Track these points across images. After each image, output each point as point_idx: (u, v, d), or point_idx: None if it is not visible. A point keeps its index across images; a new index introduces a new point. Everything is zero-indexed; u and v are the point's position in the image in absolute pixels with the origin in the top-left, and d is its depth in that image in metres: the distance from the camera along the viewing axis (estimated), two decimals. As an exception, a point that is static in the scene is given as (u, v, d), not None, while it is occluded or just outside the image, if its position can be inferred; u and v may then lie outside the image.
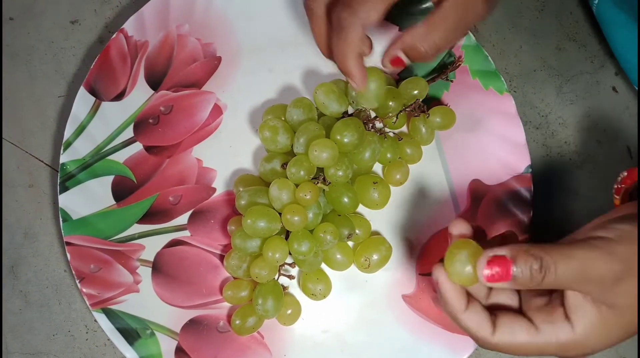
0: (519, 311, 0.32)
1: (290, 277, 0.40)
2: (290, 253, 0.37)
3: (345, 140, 0.37)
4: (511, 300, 0.33)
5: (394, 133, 0.41)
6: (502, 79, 0.42)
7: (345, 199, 0.38)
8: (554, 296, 0.32)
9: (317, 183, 0.38)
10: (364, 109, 0.39)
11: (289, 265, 0.39)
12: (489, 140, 0.42)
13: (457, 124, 0.42)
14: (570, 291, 0.30)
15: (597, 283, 0.29)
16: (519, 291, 0.33)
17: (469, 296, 0.31)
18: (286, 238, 0.38)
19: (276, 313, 0.38)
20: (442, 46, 0.34)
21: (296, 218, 0.36)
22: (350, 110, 0.40)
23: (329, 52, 0.37)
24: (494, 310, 0.32)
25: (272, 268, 0.37)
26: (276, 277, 0.39)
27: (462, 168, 0.42)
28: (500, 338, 0.31)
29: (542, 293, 0.32)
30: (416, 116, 0.40)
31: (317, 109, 0.40)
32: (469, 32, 0.43)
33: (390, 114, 0.38)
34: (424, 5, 0.43)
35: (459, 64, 0.42)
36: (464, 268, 0.30)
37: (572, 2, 0.46)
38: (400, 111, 0.40)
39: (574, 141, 0.44)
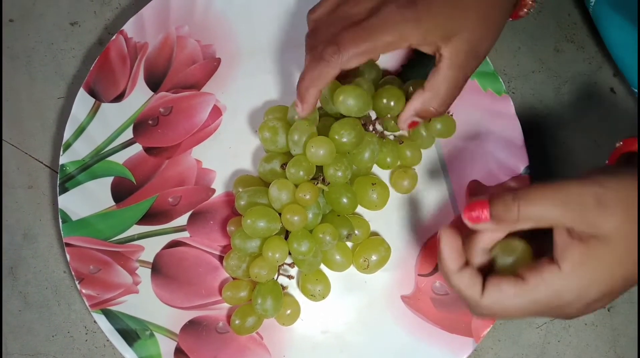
0: None
1: (290, 277, 0.40)
2: (289, 253, 0.38)
3: (344, 139, 0.37)
4: None
5: (394, 136, 0.41)
6: (501, 80, 0.43)
7: (344, 200, 0.38)
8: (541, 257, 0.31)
9: (317, 183, 0.38)
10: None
11: (289, 265, 0.39)
12: (487, 141, 0.42)
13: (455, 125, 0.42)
14: (557, 233, 0.29)
15: (576, 205, 0.28)
16: None
17: (466, 261, 0.32)
18: (286, 238, 0.38)
19: (275, 312, 0.38)
20: (451, 100, 0.36)
21: (296, 218, 0.36)
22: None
23: None
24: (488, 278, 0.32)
25: (271, 268, 0.37)
26: (275, 277, 0.39)
27: (461, 168, 0.42)
28: (488, 296, 0.31)
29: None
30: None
31: (318, 110, 0.40)
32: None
33: (389, 116, 0.38)
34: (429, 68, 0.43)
35: None
36: None
37: (570, 4, 0.46)
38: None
39: (572, 142, 0.44)
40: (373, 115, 0.40)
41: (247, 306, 0.39)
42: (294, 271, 0.41)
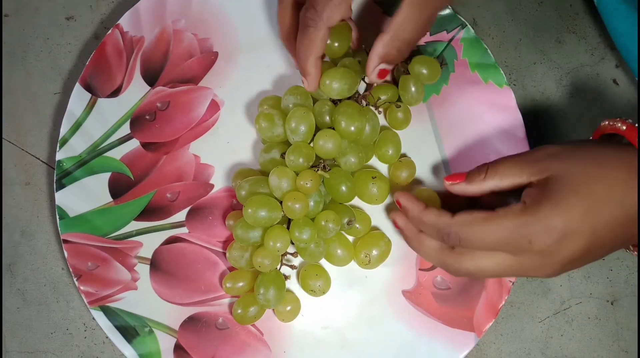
0: None
1: (292, 267, 0.40)
2: (292, 243, 0.37)
3: (351, 129, 0.37)
4: None
5: (389, 102, 0.41)
6: (502, 72, 0.42)
7: (343, 188, 0.38)
8: None
9: (317, 170, 0.37)
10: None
11: (291, 254, 0.39)
12: (488, 134, 0.42)
13: (456, 118, 0.42)
14: (524, 192, 0.32)
15: (532, 161, 0.33)
16: None
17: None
18: (288, 228, 0.37)
19: (278, 303, 0.38)
20: (413, 40, 0.36)
21: (297, 206, 0.36)
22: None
23: (289, 42, 0.39)
24: None
25: (274, 257, 0.37)
26: (278, 267, 0.38)
27: (462, 161, 0.42)
28: (459, 217, 0.33)
29: None
30: (404, 73, 0.40)
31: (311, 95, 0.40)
32: (468, 25, 0.42)
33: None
34: None
35: (446, 64, 0.42)
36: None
37: (571, -6, 0.46)
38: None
39: (574, 133, 0.44)
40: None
41: (249, 295, 0.38)
42: (297, 261, 0.40)
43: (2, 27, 0.45)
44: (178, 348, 0.39)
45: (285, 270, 0.39)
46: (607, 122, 0.36)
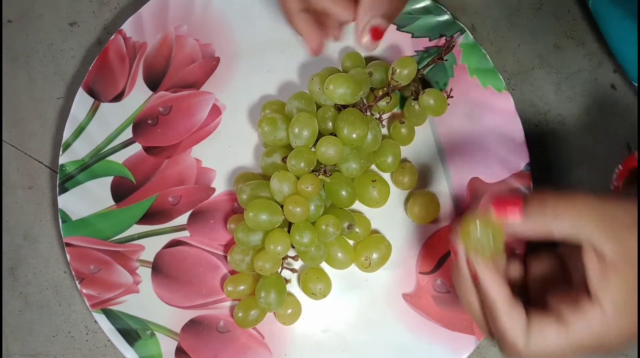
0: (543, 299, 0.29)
1: (293, 270, 0.40)
2: (293, 247, 0.37)
3: (353, 136, 0.37)
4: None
5: (392, 116, 0.41)
6: (501, 77, 0.42)
7: (344, 193, 0.38)
8: (577, 283, 0.29)
9: (318, 174, 0.38)
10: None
11: (292, 258, 0.39)
12: (488, 138, 0.42)
13: (456, 123, 0.42)
14: (587, 257, 0.27)
15: (615, 225, 0.26)
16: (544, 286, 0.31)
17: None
18: (288, 232, 0.38)
19: (279, 306, 0.38)
20: None
21: (298, 209, 0.36)
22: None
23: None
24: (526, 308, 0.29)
25: (275, 261, 0.37)
26: (279, 270, 0.39)
27: (462, 166, 0.42)
28: (534, 344, 0.28)
29: (567, 282, 0.30)
30: (411, 97, 0.41)
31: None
32: (467, 30, 0.43)
33: (381, 93, 0.39)
34: (421, 5, 0.43)
35: (453, 46, 0.42)
36: (483, 235, 0.28)
37: (569, 0, 0.46)
38: (391, 90, 0.40)
39: (572, 138, 0.44)
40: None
41: (250, 299, 0.39)
42: (297, 265, 0.41)
43: (7, 33, 0.45)
44: (179, 351, 0.39)
45: (286, 273, 0.40)
46: (620, 167, 0.32)
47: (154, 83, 0.43)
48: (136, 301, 0.40)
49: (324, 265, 0.40)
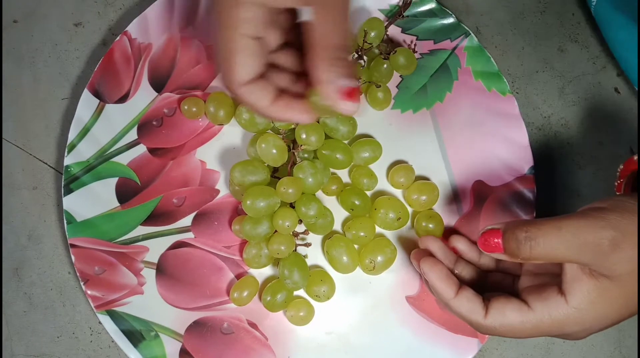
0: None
1: (308, 245, 0.40)
2: (301, 222, 0.39)
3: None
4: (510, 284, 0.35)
5: (369, 82, 0.42)
6: (505, 80, 0.43)
7: (339, 156, 0.39)
8: (551, 278, 0.32)
9: (296, 152, 0.39)
10: None
11: (302, 233, 0.40)
12: (491, 141, 0.42)
13: (460, 125, 0.42)
14: (568, 265, 0.30)
15: (592, 251, 0.28)
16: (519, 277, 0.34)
17: (461, 284, 0.33)
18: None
19: (304, 283, 0.39)
20: (345, 41, 0.29)
21: (290, 191, 0.37)
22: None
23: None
24: (489, 296, 0.33)
25: (288, 240, 0.38)
26: (294, 249, 0.39)
27: (465, 169, 0.42)
28: (492, 320, 0.31)
29: (543, 275, 0.33)
30: (381, 56, 0.42)
31: None
32: (472, 33, 0.43)
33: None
34: (426, 7, 0.43)
35: (411, 1, 0.43)
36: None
37: (573, 4, 0.46)
38: (364, 53, 0.41)
39: (576, 142, 0.44)
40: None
41: (276, 283, 0.39)
42: (307, 249, 0.41)
43: (12, 33, 0.45)
44: (183, 352, 0.39)
45: (301, 251, 0.40)
46: (622, 166, 0.34)
47: (159, 85, 0.43)
48: (140, 303, 0.40)
49: (328, 268, 0.41)
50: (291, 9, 0.32)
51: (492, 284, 0.36)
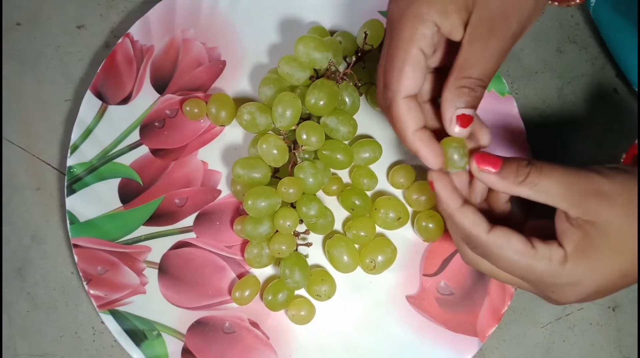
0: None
1: (308, 245, 0.41)
2: (302, 221, 0.39)
3: (321, 103, 0.38)
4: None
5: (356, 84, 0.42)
6: (504, 81, 0.43)
7: (339, 156, 0.40)
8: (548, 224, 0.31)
9: (297, 153, 0.39)
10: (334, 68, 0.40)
11: (303, 233, 0.40)
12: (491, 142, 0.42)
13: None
14: (557, 217, 0.30)
15: (578, 193, 0.29)
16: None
17: (465, 199, 0.32)
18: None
19: (305, 282, 0.39)
20: (485, 77, 0.31)
21: (291, 191, 0.37)
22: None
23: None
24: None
25: (289, 240, 0.38)
26: (295, 249, 0.39)
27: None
28: (494, 239, 0.30)
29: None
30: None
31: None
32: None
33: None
34: None
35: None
36: (457, 156, 0.31)
37: (572, 5, 0.46)
38: (364, 54, 0.41)
39: (575, 143, 0.44)
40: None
41: (277, 282, 0.40)
42: (310, 247, 0.41)
43: (15, 36, 0.46)
44: (185, 351, 0.40)
45: (302, 250, 0.40)
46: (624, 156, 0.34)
47: (161, 86, 0.43)
48: (143, 302, 0.40)
49: (329, 267, 0.41)
50: (447, 46, 0.33)
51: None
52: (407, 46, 0.31)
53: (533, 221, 0.34)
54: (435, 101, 0.34)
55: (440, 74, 0.34)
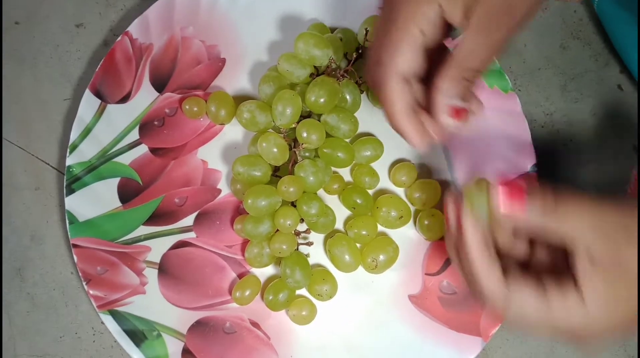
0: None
1: (309, 244, 0.40)
2: (303, 220, 0.39)
3: (321, 100, 0.38)
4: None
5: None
6: (507, 77, 0.42)
7: (340, 155, 0.39)
8: (569, 268, 0.29)
9: (297, 151, 0.39)
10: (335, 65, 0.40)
11: (304, 232, 0.40)
12: (494, 139, 0.42)
13: (461, 124, 0.42)
14: (578, 257, 0.28)
15: (609, 231, 0.27)
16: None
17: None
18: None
19: (306, 282, 0.39)
20: (482, 68, 0.30)
21: (292, 189, 0.37)
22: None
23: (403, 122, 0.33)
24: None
25: (289, 239, 0.38)
26: (296, 248, 0.39)
27: (468, 167, 0.42)
28: (512, 305, 0.29)
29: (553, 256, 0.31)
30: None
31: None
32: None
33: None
34: None
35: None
36: (484, 200, 0.29)
37: (576, 1, 0.46)
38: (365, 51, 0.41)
39: (579, 139, 0.44)
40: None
41: (278, 282, 0.39)
42: (309, 248, 0.41)
43: (14, 35, 0.46)
44: (186, 352, 0.39)
45: (303, 250, 0.40)
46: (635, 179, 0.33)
47: (160, 85, 0.43)
48: (143, 302, 0.40)
49: (330, 266, 0.41)
50: (446, 30, 0.32)
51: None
52: (408, 25, 0.30)
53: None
54: (423, 81, 0.33)
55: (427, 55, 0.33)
